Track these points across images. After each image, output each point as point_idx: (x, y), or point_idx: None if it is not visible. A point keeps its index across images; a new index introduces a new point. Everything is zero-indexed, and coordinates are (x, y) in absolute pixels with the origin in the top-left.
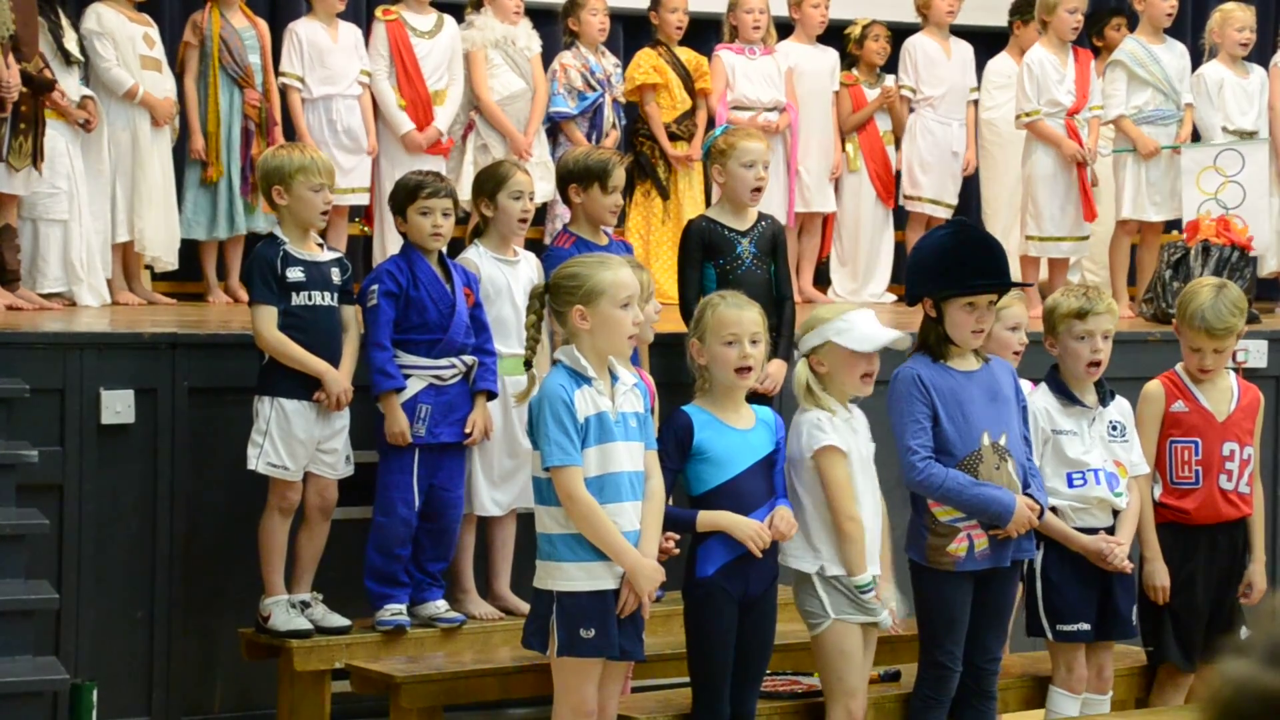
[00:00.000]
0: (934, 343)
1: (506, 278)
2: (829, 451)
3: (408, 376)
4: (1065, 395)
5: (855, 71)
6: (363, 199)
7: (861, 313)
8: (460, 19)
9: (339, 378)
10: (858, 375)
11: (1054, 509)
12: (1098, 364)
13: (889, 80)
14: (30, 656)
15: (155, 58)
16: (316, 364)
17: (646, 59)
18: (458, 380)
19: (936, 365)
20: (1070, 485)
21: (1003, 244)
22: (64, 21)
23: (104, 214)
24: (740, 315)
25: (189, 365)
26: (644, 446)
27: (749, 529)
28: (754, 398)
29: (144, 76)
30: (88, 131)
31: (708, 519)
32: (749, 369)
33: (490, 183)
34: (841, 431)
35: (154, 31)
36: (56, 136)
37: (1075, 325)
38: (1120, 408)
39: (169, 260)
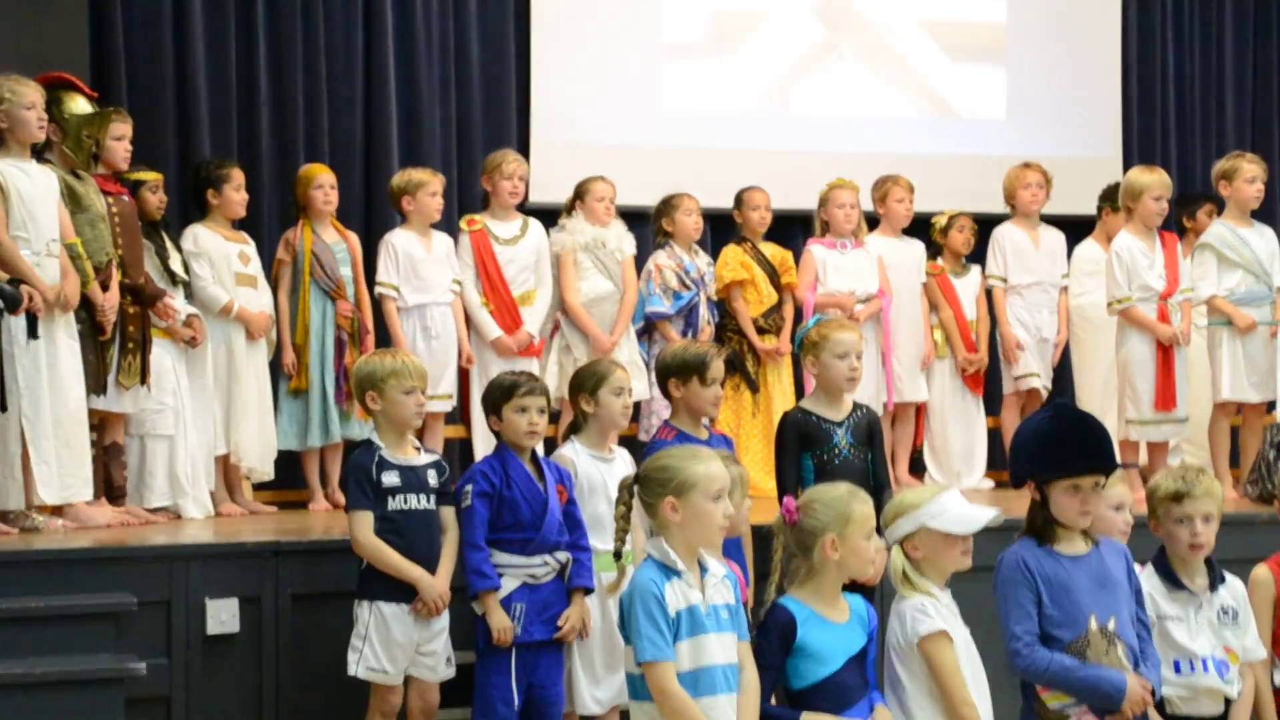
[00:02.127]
0: (1040, 526)
1: (603, 474)
2: (937, 637)
3: (501, 575)
4: (1170, 579)
5: (940, 260)
6: (445, 405)
7: (950, 494)
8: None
9: (433, 584)
10: (957, 554)
11: (1162, 698)
12: (1199, 546)
13: (974, 270)
14: None
15: (251, 274)
16: (411, 570)
17: (733, 256)
18: (552, 578)
19: (1042, 549)
20: (1177, 672)
21: None
22: (169, 244)
23: (208, 427)
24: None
25: (291, 572)
26: (736, 637)
27: None
28: (852, 587)
29: (239, 293)
30: (193, 348)
31: None
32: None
33: (591, 380)
34: (944, 615)
35: (251, 249)
36: (162, 354)
37: (1174, 508)
38: (1233, 590)
39: (265, 470)
